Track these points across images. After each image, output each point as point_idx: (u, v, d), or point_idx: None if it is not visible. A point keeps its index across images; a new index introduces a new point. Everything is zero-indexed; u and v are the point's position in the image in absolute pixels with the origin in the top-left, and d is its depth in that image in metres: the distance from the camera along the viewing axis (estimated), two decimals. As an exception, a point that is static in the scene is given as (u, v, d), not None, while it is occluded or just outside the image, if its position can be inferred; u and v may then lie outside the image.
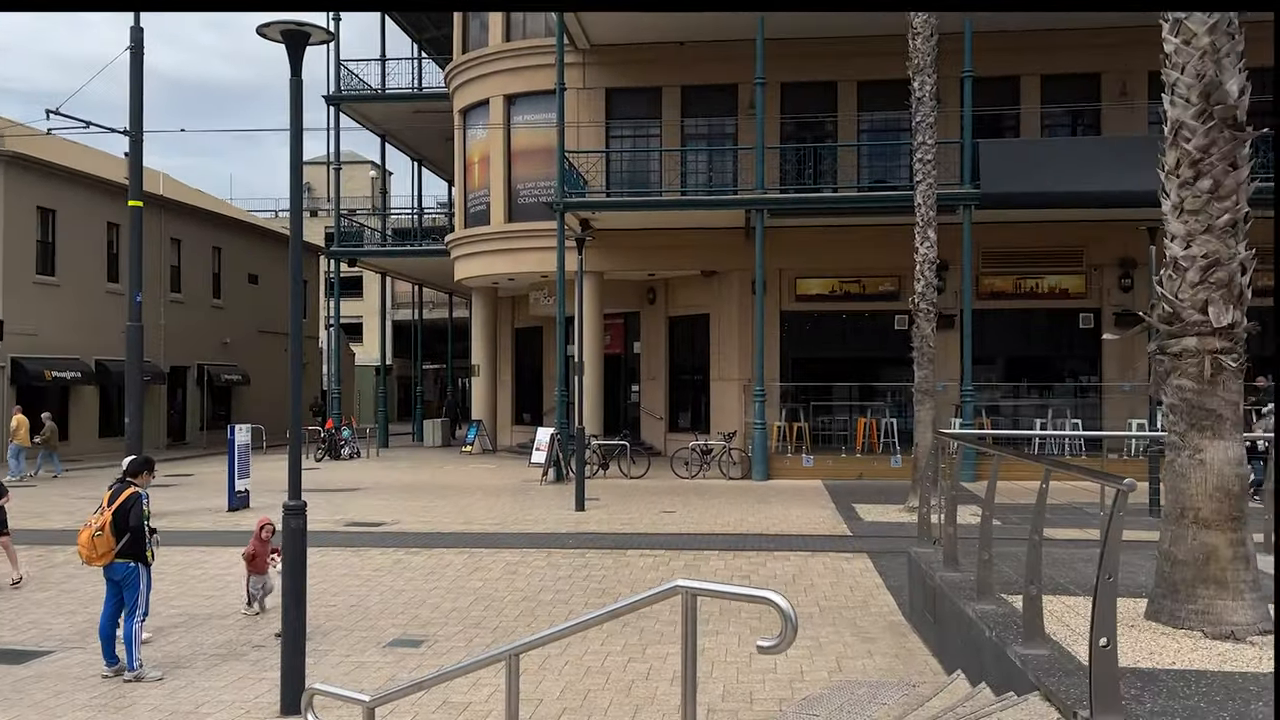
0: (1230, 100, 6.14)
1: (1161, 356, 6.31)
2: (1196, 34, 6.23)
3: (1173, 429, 6.30)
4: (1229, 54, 6.18)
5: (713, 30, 23.98)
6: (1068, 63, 24.18)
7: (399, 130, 33.91)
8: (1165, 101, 6.48)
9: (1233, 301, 6.11)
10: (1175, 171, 6.29)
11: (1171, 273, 6.30)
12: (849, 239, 23.88)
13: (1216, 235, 6.13)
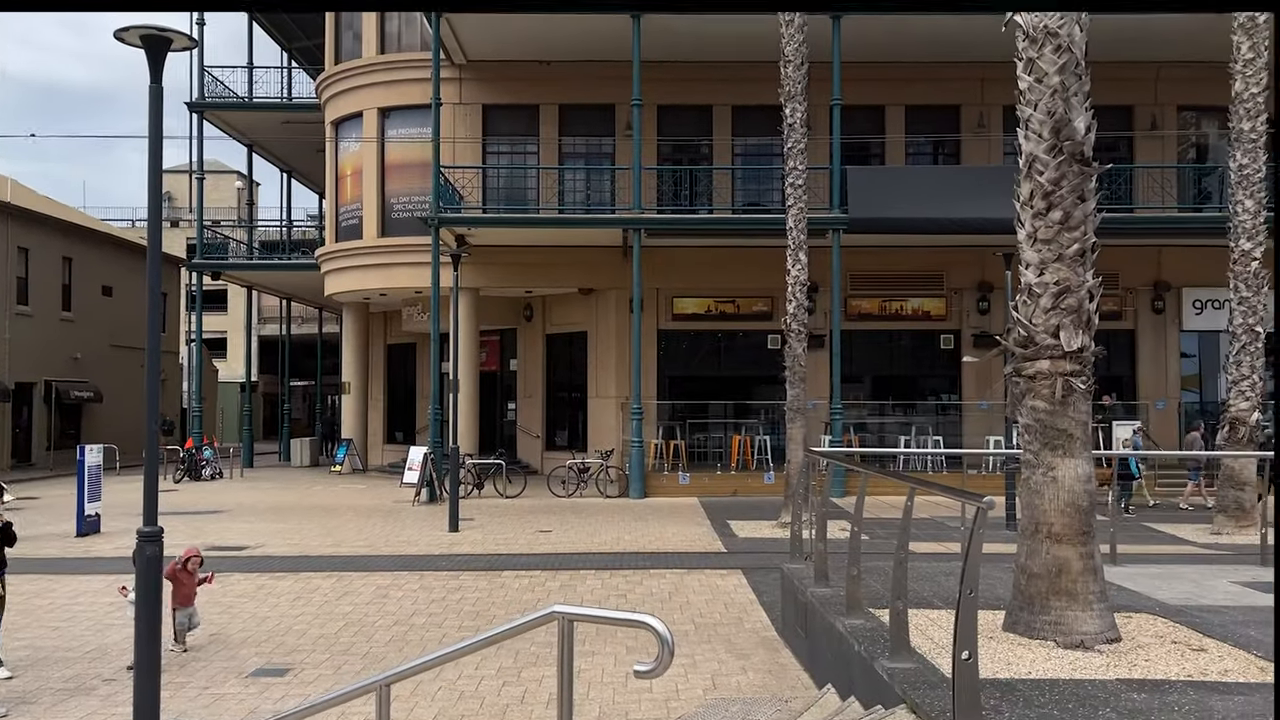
0: (1078, 137, 6.51)
1: (1017, 379, 6.62)
2: (1048, 73, 6.58)
3: (1028, 448, 6.61)
4: (1076, 93, 6.55)
5: (588, 51, 24.12)
6: (930, 94, 25.22)
7: (267, 140, 32.92)
8: (1020, 136, 6.82)
9: (1082, 326, 6.46)
10: (1029, 202, 6.63)
11: (1026, 298, 6.62)
12: (724, 260, 24.29)
13: (1067, 263, 6.47)
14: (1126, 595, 8.02)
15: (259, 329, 45.84)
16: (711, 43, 23.58)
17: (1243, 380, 16.19)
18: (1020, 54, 6.76)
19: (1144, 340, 25.26)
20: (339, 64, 27.32)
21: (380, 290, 26.66)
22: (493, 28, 23.55)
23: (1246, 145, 16.34)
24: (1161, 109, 25.36)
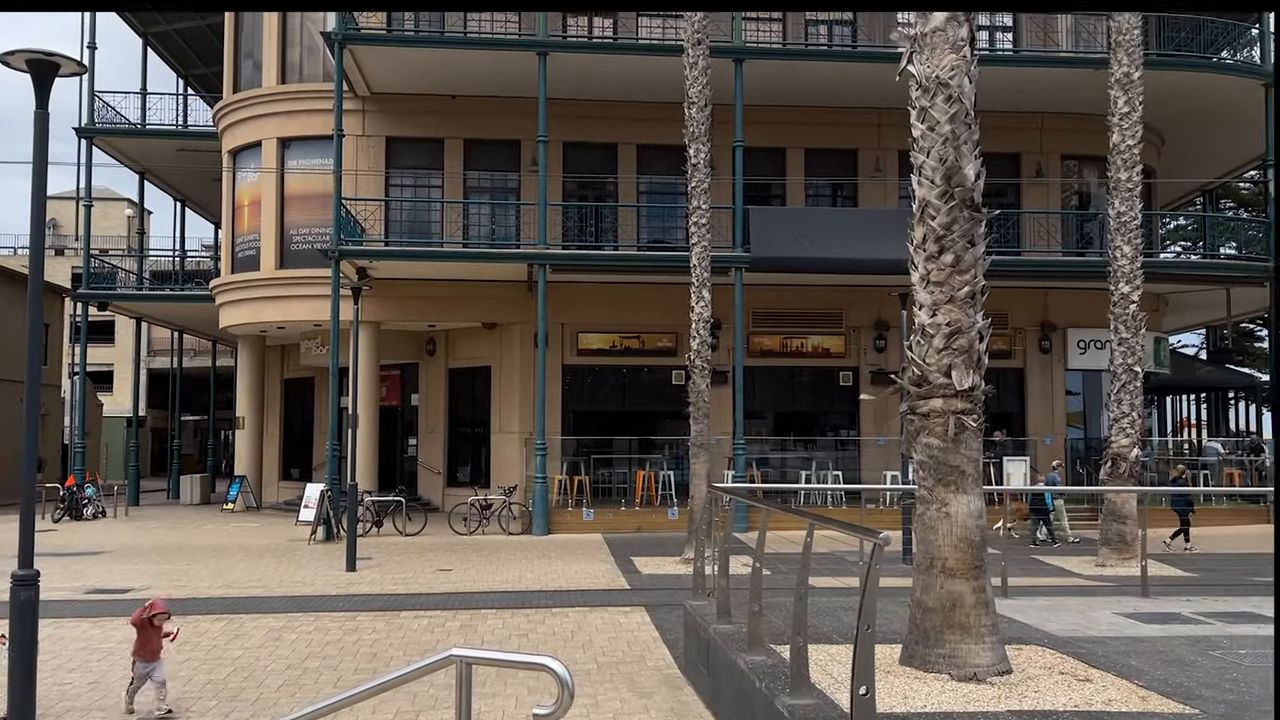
0: (968, 183, 6.77)
1: (912, 416, 6.80)
2: (939, 122, 6.84)
3: (922, 484, 6.78)
4: (966, 142, 6.82)
5: (495, 86, 24.17)
6: (829, 138, 25.91)
7: (160, 168, 31.98)
8: (914, 181, 7.06)
9: (972, 366, 6.68)
10: (922, 246, 6.85)
11: (920, 339, 6.83)
12: (629, 296, 24.43)
13: (958, 305, 6.70)
14: (1017, 627, 8.25)
15: (149, 362, 44.23)
16: (617, 82, 23.85)
17: (1124, 418, 16.91)
18: (914, 103, 7.02)
19: (1032, 378, 26.20)
20: (238, 93, 26.77)
21: (278, 323, 26.04)
22: (398, 61, 23.42)
23: (1124, 194, 17.19)
24: (1046, 157, 26.51)
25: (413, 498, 24.53)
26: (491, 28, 25.51)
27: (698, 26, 17.85)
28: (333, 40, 21.89)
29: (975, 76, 6.91)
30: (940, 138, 6.79)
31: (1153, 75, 19.47)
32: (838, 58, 24.35)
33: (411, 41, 24.01)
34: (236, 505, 27.58)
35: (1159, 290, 25.54)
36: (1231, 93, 24.60)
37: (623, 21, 25.79)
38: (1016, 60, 24.92)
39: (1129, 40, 17.29)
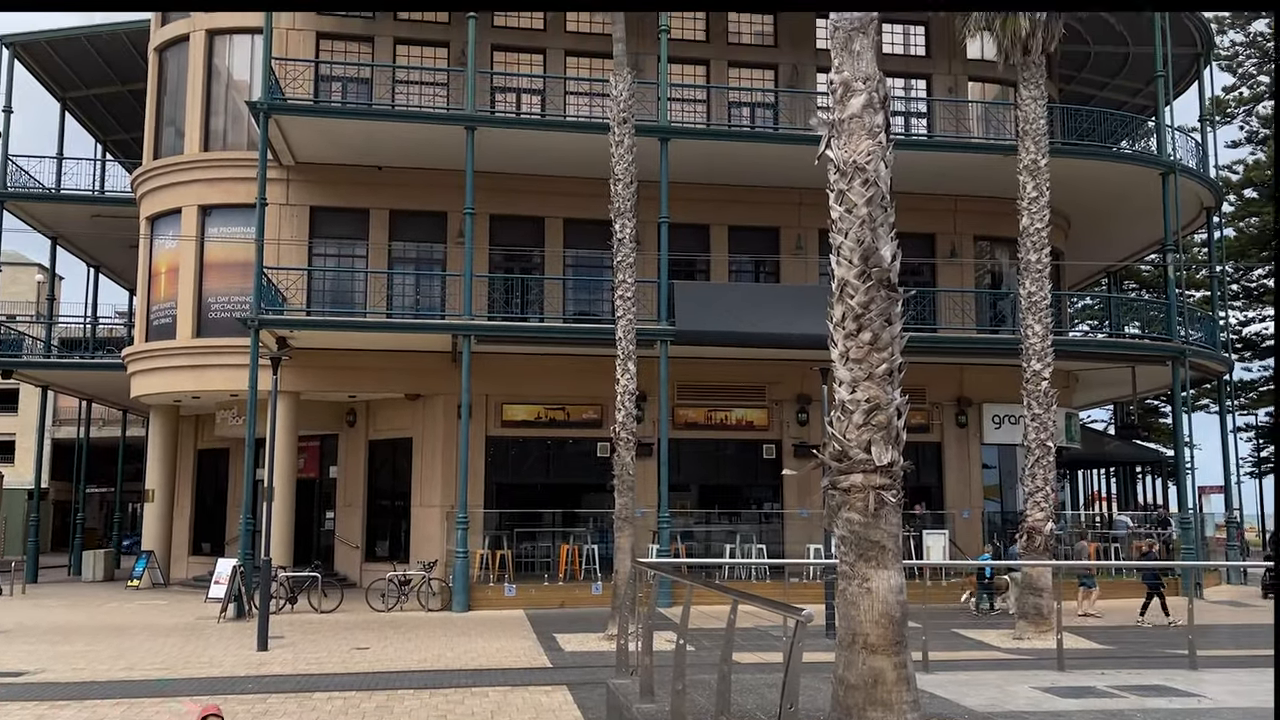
0: (885, 264, 6.97)
1: (834, 491, 6.89)
2: (857, 205, 7.06)
3: (844, 559, 6.84)
4: (883, 224, 7.04)
5: (422, 158, 24.25)
6: (752, 216, 26.48)
7: (74, 234, 31.26)
8: (833, 261, 7.25)
9: (891, 442, 6.81)
10: (841, 324, 7.02)
11: (840, 415, 6.95)
12: (554, 367, 24.40)
13: (877, 382, 6.85)
14: (938, 703, 8.30)
15: (54, 432, 42.65)
16: (545, 157, 24.13)
17: (1038, 492, 17.32)
18: (832, 186, 7.24)
19: (949, 452, 26.72)
20: (159, 159, 26.37)
21: (193, 392, 25.38)
22: (325, 132, 23.38)
23: (1034, 275, 17.84)
24: (960, 238, 27.43)
25: (329, 573, 23.87)
26: (420, 101, 25.70)
27: (624, 106, 18.22)
28: (258, 110, 21.79)
29: (891, 161, 7.17)
30: (858, 220, 7.01)
31: (1059, 162, 20.40)
32: (759, 139, 25.03)
33: (338, 113, 24.06)
34: (142, 582, 26.49)
35: (1069, 367, 26.39)
36: (1131, 180, 25.84)
37: (551, 100, 26.19)
38: (931, 145, 25.88)
39: (1036, 129, 18.11)
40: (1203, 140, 28.81)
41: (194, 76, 25.62)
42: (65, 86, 31.40)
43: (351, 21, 25.71)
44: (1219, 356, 28.03)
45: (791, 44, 27.45)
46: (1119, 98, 32.63)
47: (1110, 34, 28.74)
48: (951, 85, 27.93)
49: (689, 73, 27.03)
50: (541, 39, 26.38)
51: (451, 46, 25.78)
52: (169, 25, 26.47)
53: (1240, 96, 43.69)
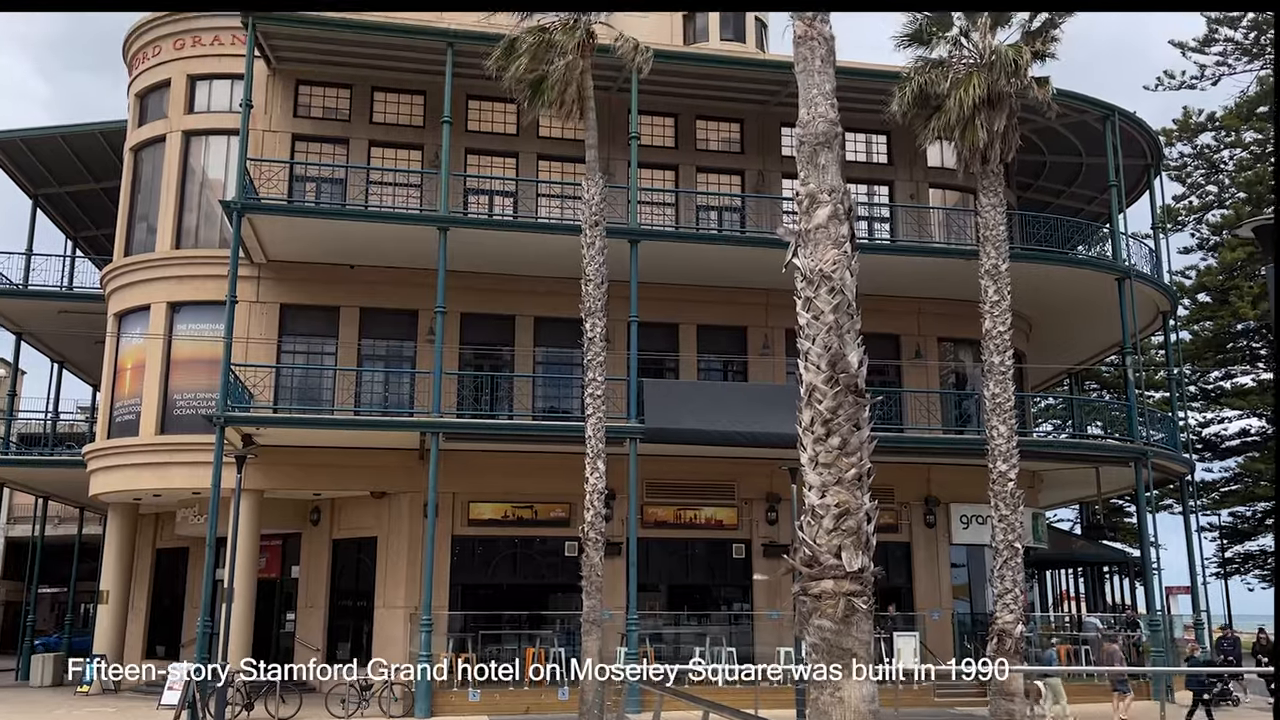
0: (852, 370, 7.12)
1: (805, 598, 6.89)
2: (824, 311, 7.23)
3: (815, 666, 6.80)
4: (849, 330, 7.21)
5: (394, 257, 24.48)
6: (720, 315, 26.84)
7: (40, 330, 31.05)
8: (800, 366, 7.39)
9: (862, 547, 6.85)
10: (810, 428, 7.12)
11: (810, 519, 6.99)
12: (523, 465, 24.28)
13: (846, 487, 6.92)
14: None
15: (7, 530, 41.62)
16: (516, 257, 24.44)
17: (1007, 594, 17.29)
18: (799, 293, 7.42)
19: (918, 552, 26.68)
20: (129, 255, 26.41)
21: (154, 490, 24.96)
22: (297, 231, 23.60)
23: (998, 376, 18.13)
24: (925, 339, 27.88)
25: (288, 677, 23.18)
26: (393, 201, 26.06)
27: (595, 209, 18.58)
28: (232, 209, 21.99)
29: (856, 270, 7.38)
30: (825, 326, 7.17)
31: (1019, 267, 20.94)
32: (727, 242, 25.54)
33: (312, 212, 24.33)
34: (93, 687, 25.57)
35: (1034, 468, 26.62)
36: (1089, 285, 26.51)
37: (523, 201, 26.65)
38: (895, 249, 26.50)
39: (996, 235, 18.63)
40: (1156, 247, 29.71)
41: (169, 175, 25.87)
42: (38, 184, 31.57)
43: (328, 124, 26.19)
44: (1180, 458, 28.42)
45: (758, 151, 28.21)
46: (1075, 205, 33.68)
47: (1065, 145, 29.83)
48: (913, 191, 28.74)
49: (658, 177, 27.65)
50: (515, 143, 26.96)
51: (426, 149, 26.27)
52: (146, 126, 26.81)
53: (1190, 205, 45.25)
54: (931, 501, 26.80)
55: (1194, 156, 45.15)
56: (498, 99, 25.34)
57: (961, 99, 18.53)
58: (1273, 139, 40.34)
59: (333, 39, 24.71)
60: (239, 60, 24.39)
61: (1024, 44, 19.32)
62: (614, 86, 25.27)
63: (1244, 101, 42.73)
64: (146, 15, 26.92)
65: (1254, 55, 44.38)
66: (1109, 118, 26.72)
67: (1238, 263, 40.52)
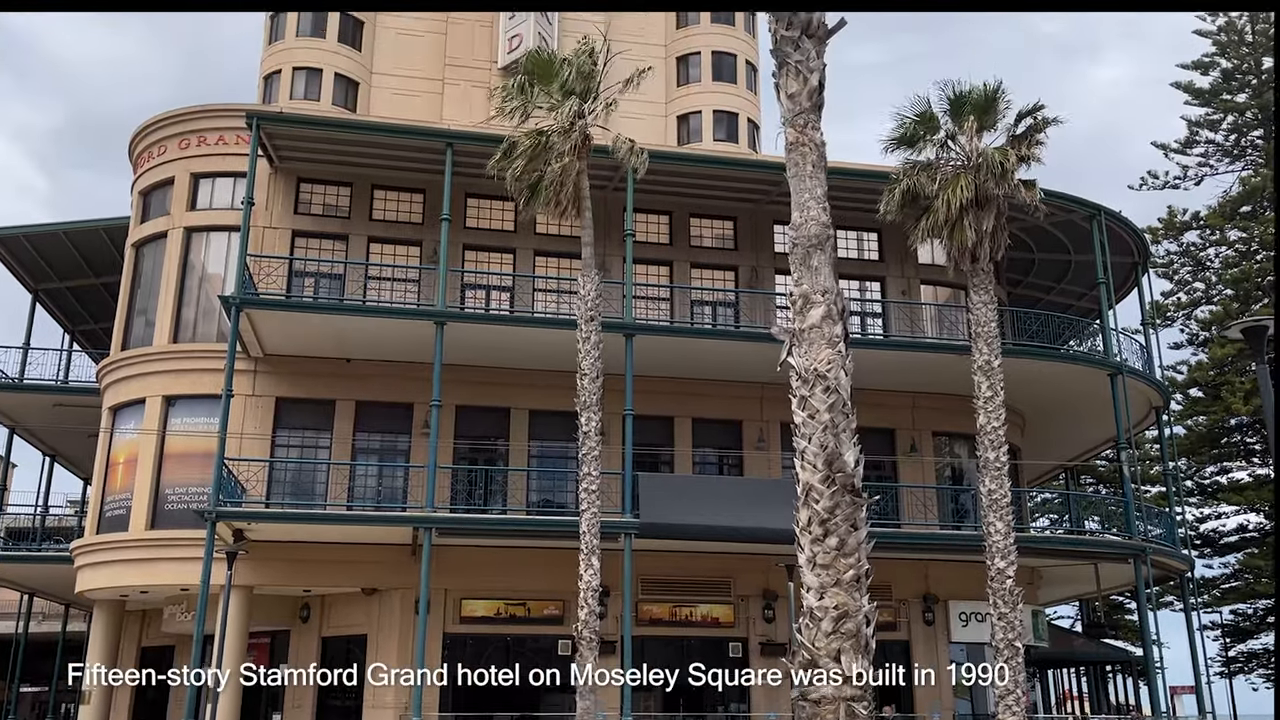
0: (849, 469, 7.13)
1: (804, 702, 6.78)
2: (819, 410, 7.28)
3: (815, 774, 6.66)
4: (845, 430, 7.25)
5: (390, 351, 24.60)
6: (715, 409, 26.88)
7: (34, 424, 30.98)
8: (797, 465, 7.40)
9: (861, 650, 6.77)
10: (807, 529, 7.10)
11: (809, 622, 6.92)
12: (516, 560, 24.02)
13: (845, 589, 6.87)
14: None
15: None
16: (512, 351, 24.57)
17: (1008, 694, 16.99)
18: (795, 392, 7.48)
19: (917, 650, 26.24)
20: (126, 349, 26.49)
21: (142, 587, 24.60)
22: (295, 325, 23.77)
23: (993, 472, 18.13)
24: (919, 434, 27.90)
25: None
26: (391, 296, 26.31)
27: (591, 304, 18.78)
28: (231, 304, 22.17)
29: (851, 370, 7.45)
30: (820, 425, 7.21)
31: (1011, 362, 21.12)
32: (721, 336, 25.74)
33: (310, 308, 24.51)
34: (69, 793, 24.81)
35: (1033, 564, 26.39)
36: (1081, 380, 26.66)
37: (519, 296, 26.91)
38: (888, 345, 26.72)
39: (987, 332, 18.83)
40: (1146, 342, 29.99)
41: (169, 271, 26.12)
42: (39, 278, 31.85)
43: (328, 220, 26.58)
44: (1180, 554, 28.21)
45: (751, 247, 28.62)
46: (1065, 301, 34.08)
47: (1053, 243, 30.33)
48: (905, 288, 29.08)
49: (654, 273, 27.98)
50: (512, 239, 27.35)
51: (424, 245, 26.61)
52: (149, 223, 27.18)
53: (1179, 301, 45.79)
54: (930, 599, 26.47)
55: (1180, 254, 45.89)
56: (495, 197, 25.84)
57: (949, 200, 18.93)
58: (1270, 199, 41.10)
59: (334, 139, 25.27)
60: (242, 159, 24.90)
61: (1009, 147, 19.82)
62: (610, 185, 25.76)
63: (1227, 201, 43.62)
64: (153, 116, 27.56)
65: (1234, 157, 45.48)
66: (1095, 217, 27.22)
67: (1228, 358, 40.85)
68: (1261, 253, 42.63)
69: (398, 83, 35.72)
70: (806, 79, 8.13)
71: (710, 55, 38.47)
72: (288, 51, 34.73)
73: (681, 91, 38.33)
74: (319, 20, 34.91)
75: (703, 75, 38.36)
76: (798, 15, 8.27)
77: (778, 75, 8.49)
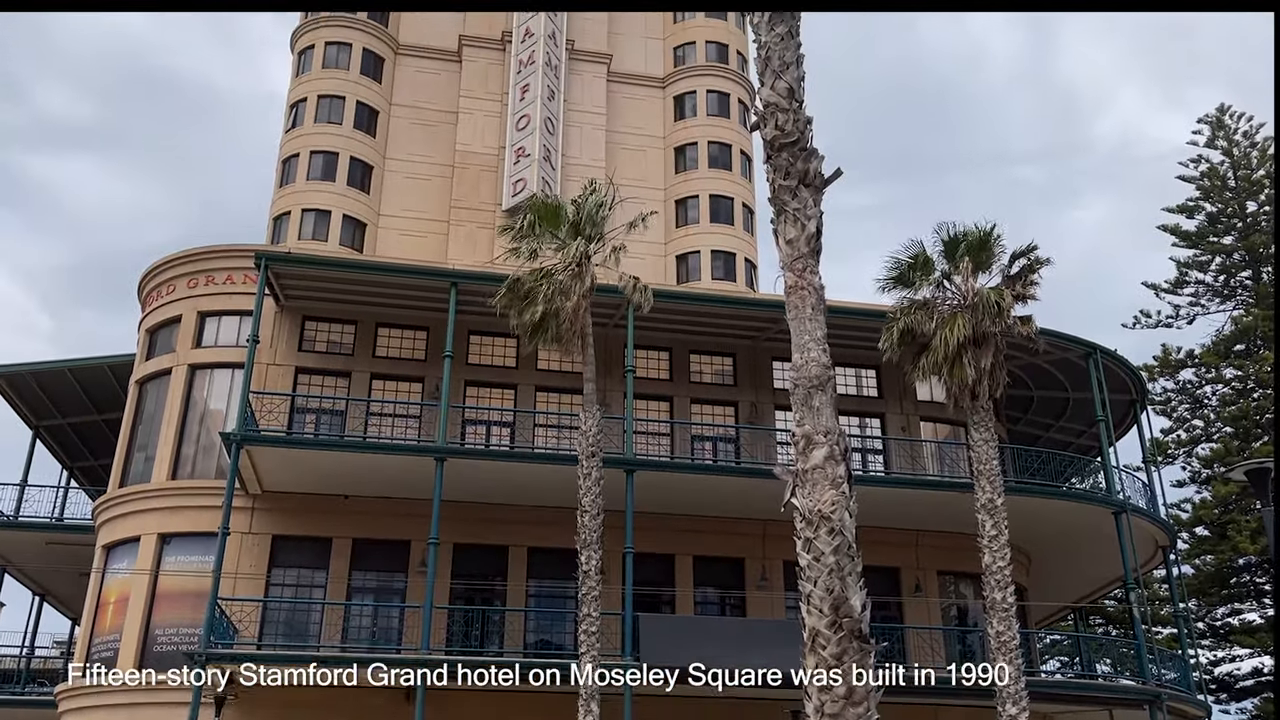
0: (855, 614, 7.02)
1: None
2: (824, 553, 7.21)
3: None
4: (851, 573, 7.17)
5: (389, 488, 24.46)
6: (717, 546, 26.55)
7: (26, 563, 30.54)
8: (803, 609, 7.29)
9: (873, 807, 6.52)
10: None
11: (819, 777, 6.69)
12: (513, 703, 23.25)
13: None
14: None
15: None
16: (512, 487, 24.43)
17: None
18: (799, 533, 7.43)
19: (930, 803, 25.17)
20: (124, 486, 26.31)
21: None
22: (295, 462, 23.70)
23: (1000, 613, 17.78)
24: (924, 572, 27.47)
25: None
26: (392, 431, 26.32)
27: (592, 440, 18.79)
28: (231, 440, 22.16)
29: (855, 511, 7.42)
30: (826, 569, 7.14)
31: (1014, 501, 20.96)
32: (722, 472, 25.63)
33: (310, 444, 24.51)
34: None
35: (1044, 710, 25.56)
36: (1086, 518, 26.41)
37: (520, 432, 26.94)
38: (889, 482, 26.58)
39: (989, 470, 18.78)
40: (1149, 480, 29.80)
41: (171, 408, 26.19)
42: (40, 415, 31.95)
43: (331, 358, 26.82)
44: (1196, 700, 27.36)
45: (750, 383, 28.80)
46: (1065, 438, 34.07)
47: (1051, 380, 30.53)
48: (905, 424, 29.12)
49: (654, 408, 28.08)
50: (513, 375, 27.52)
51: (426, 381, 26.78)
52: (153, 360, 27.41)
53: (1179, 439, 45.77)
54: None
55: (1177, 391, 46.12)
56: (498, 334, 26.15)
57: (947, 338, 19.17)
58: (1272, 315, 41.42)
59: (340, 279, 25.75)
60: (248, 298, 25.32)
61: (1005, 287, 20.18)
62: (611, 321, 26.11)
63: (1221, 340, 44.13)
64: (164, 256, 28.15)
65: (1225, 296, 46.24)
66: (1092, 355, 27.48)
67: (1232, 496, 40.56)
68: (1259, 390, 42.86)
69: (405, 223, 36.71)
70: (804, 225, 8.36)
71: (708, 198, 39.63)
72: (298, 194, 35.77)
73: (680, 232, 39.31)
74: (329, 165, 36.07)
75: (701, 217, 39.42)
76: (795, 165, 8.56)
77: (776, 221, 8.74)
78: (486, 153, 38.38)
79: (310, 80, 37.77)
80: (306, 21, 39.25)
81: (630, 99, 41.51)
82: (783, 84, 8.64)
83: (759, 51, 9.10)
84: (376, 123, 37.74)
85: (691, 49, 42.32)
